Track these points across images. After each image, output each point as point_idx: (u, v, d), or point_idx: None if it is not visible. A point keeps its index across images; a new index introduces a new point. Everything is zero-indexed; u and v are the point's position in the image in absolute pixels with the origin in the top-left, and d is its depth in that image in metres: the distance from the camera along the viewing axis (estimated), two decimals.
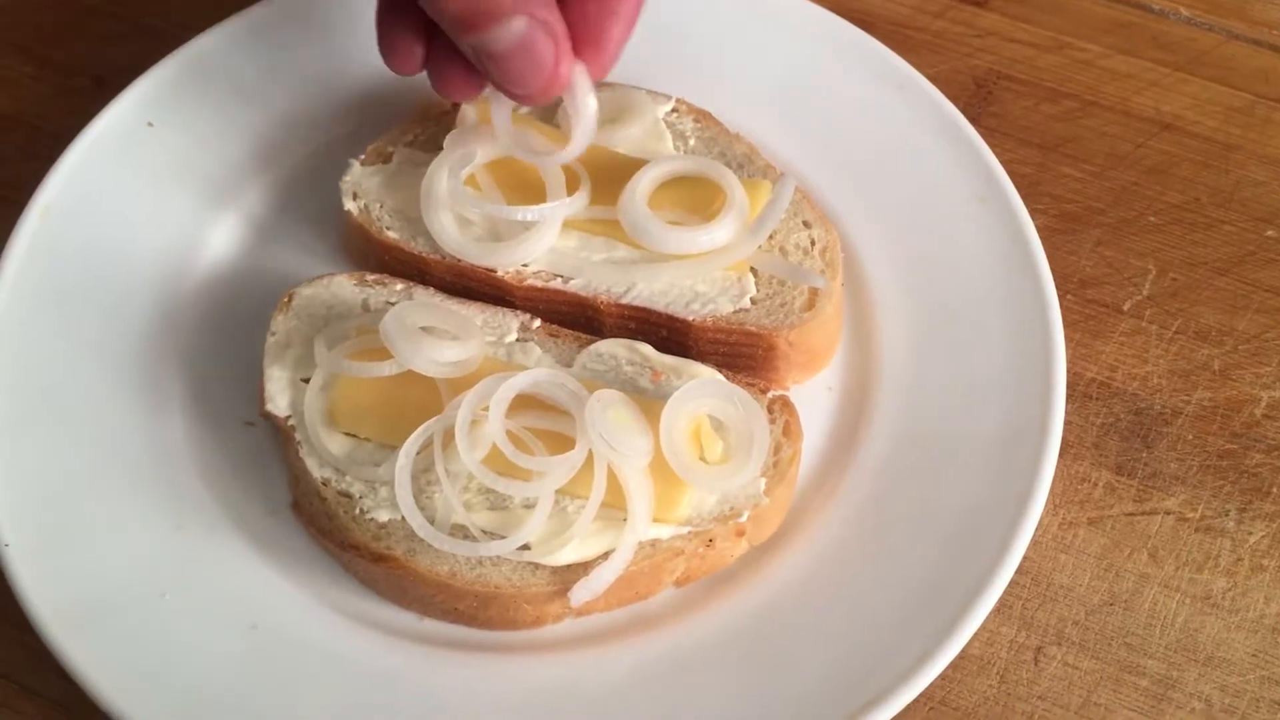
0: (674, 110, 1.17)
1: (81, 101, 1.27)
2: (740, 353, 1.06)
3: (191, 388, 1.07)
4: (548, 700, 0.94)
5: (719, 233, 1.03)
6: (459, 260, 1.07)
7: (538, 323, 1.06)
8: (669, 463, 0.94)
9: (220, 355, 1.09)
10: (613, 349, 1.04)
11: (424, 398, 0.98)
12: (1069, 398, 1.06)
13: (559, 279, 1.07)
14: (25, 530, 0.96)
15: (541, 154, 1.04)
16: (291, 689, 0.93)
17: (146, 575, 0.97)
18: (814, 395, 1.08)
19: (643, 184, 1.05)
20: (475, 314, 1.05)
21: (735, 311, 1.05)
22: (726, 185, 1.05)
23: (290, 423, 1.00)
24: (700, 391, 0.97)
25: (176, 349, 1.08)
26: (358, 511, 0.97)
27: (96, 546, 0.97)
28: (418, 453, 0.95)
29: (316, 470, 0.98)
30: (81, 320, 1.07)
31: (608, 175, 1.08)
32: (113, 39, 1.32)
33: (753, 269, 1.07)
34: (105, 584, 0.95)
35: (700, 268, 1.06)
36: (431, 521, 0.94)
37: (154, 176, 1.15)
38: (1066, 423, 1.04)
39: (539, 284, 1.07)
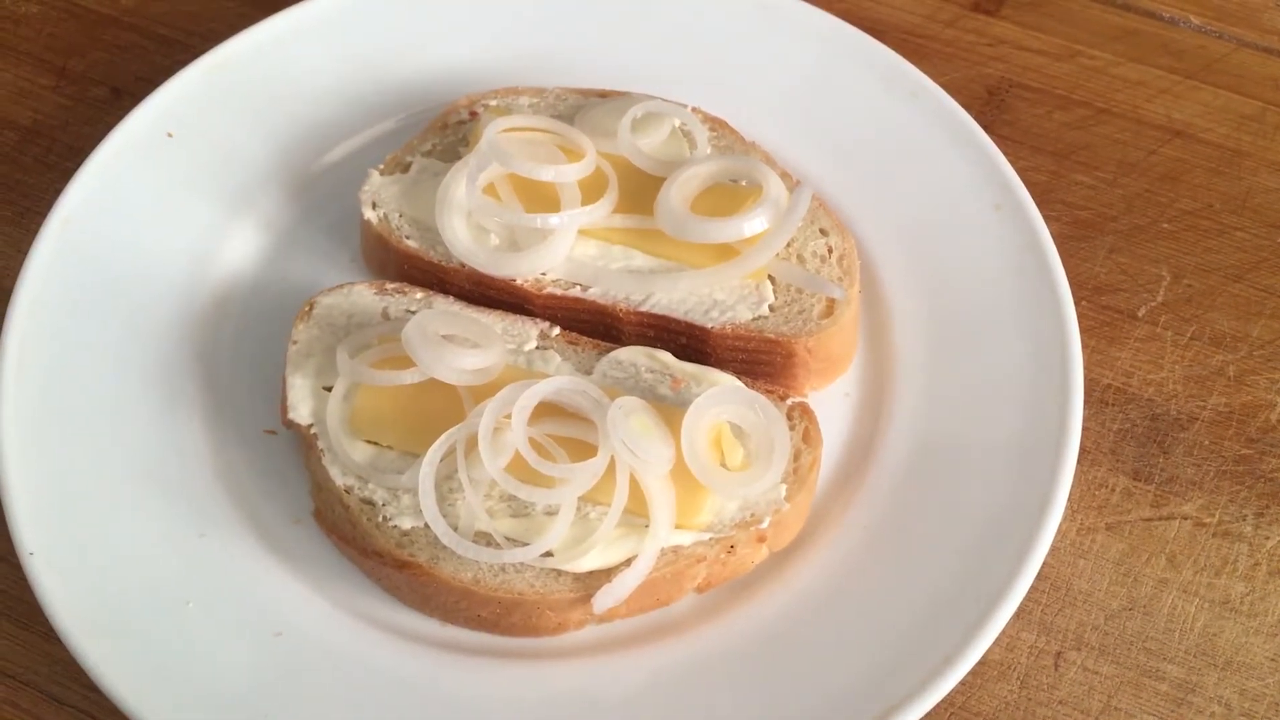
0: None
1: (99, 112, 1.28)
2: (759, 360, 1.06)
3: (212, 396, 1.07)
4: (570, 706, 0.94)
5: (756, 221, 1.04)
6: (476, 269, 1.08)
7: (557, 331, 1.06)
8: (690, 469, 0.95)
9: (240, 363, 1.10)
10: (632, 356, 1.04)
11: (446, 406, 0.99)
12: (1085, 403, 1.06)
13: (578, 287, 1.08)
14: (49, 538, 0.96)
15: (539, 169, 1.05)
16: (315, 696, 0.93)
17: (170, 583, 0.97)
18: (832, 402, 1.09)
19: (681, 179, 1.06)
20: (495, 322, 1.06)
21: (754, 319, 1.06)
22: (762, 178, 1.06)
23: (313, 430, 1.00)
24: (721, 398, 0.98)
25: (197, 357, 1.09)
26: (381, 519, 0.97)
27: (119, 555, 0.97)
28: (440, 460, 0.95)
29: (339, 478, 0.98)
30: (103, 329, 1.07)
31: (630, 185, 1.09)
32: (129, 50, 1.33)
33: (771, 277, 1.08)
34: (128, 592, 0.96)
35: (719, 275, 1.06)
36: (454, 529, 0.94)
37: (174, 186, 1.15)
38: (1083, 429, 1.04)
39: (558, 292, 1.07)
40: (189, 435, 1.05)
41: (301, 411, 1.01)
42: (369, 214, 1.12)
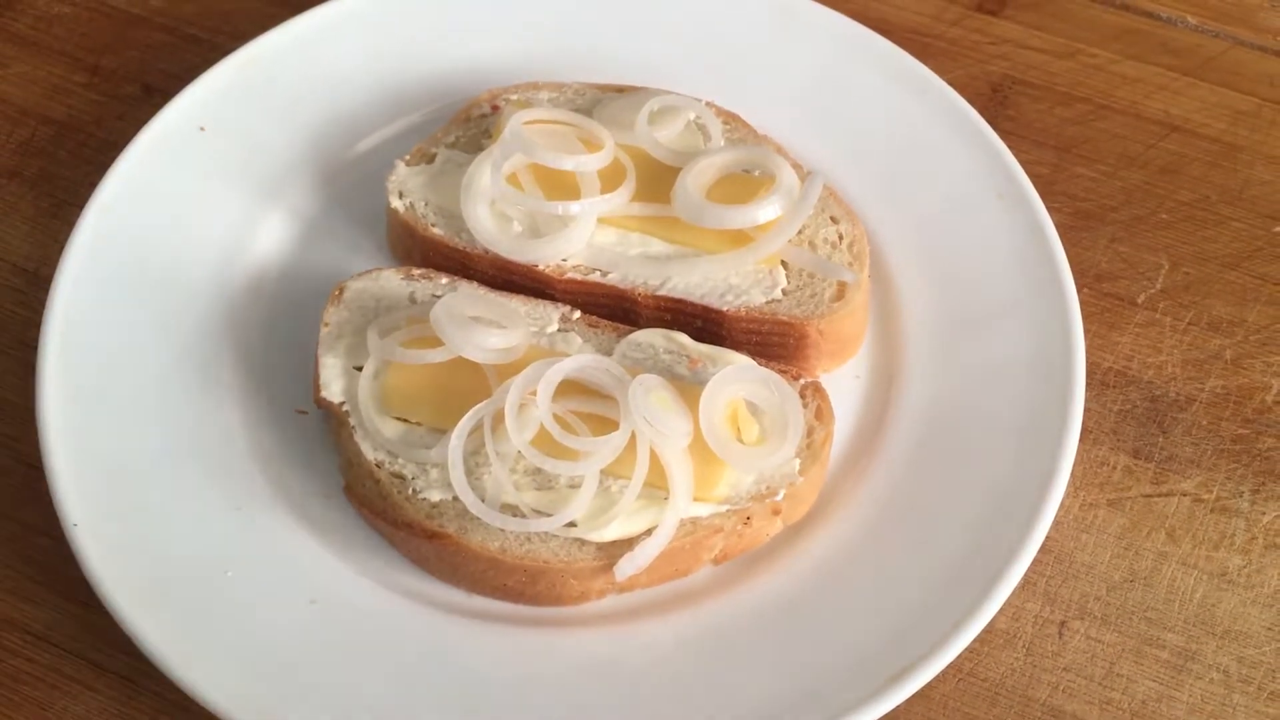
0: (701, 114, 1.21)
1: (131, 108, 1.32)
2: (772, 342, 1.10)
3: (246, 377, 1.11)
4: (593, 672, 0.98)
5: (770, 208, 1.08)
6: (500, 254, 1.12)
7: (578, 314, 1.10)
8: (708, 443, 0.99)
9: (272, 346, 1.13)
10: (650, 338, 1.08)
11: (472, 384, 1.02)
12: (1087, 386, 1.09)
13: (597, 273, 1.12)
14: (92, 511, 1.00)
15: (561, 159, 1.09)
16: (347, 661, 0.97)
17: (209, 553, 1.01)
18: (842, 383, 1.13)
19: (697, 169, 1.10)
20: (518, 305, 1.10)
21: (768, 302, 1.10)
22: (775, 167, 1.10)
23: (344, 408, 1.04)
24: (737, 376, 1.02)
25: (230, 340, 1.12)
26: (411, 492, 1.01)
27: (160, 526, 1.01)
28: (468, 435, 0.99)
29: (370, 453, 1.02)
30: (141, 314, 1.11)
31: (647, 174, 1.13)
32: (159, 49, 1.37)
33: (783, 262, 1.12)
34: (169, 562, 0.99)
35: (734, 260, 1.10)
36: (482, 500, 0.98)
37: (207, 177, 1.20)
38: (1085, 409, 1.08)
39: (578, 277, 1.11)
40: (224, 414, 1.08)
41: (334, 390, 1.05)
42: (395, 203, 1.16)
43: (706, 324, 1.10)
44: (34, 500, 1.06)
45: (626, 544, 0.99)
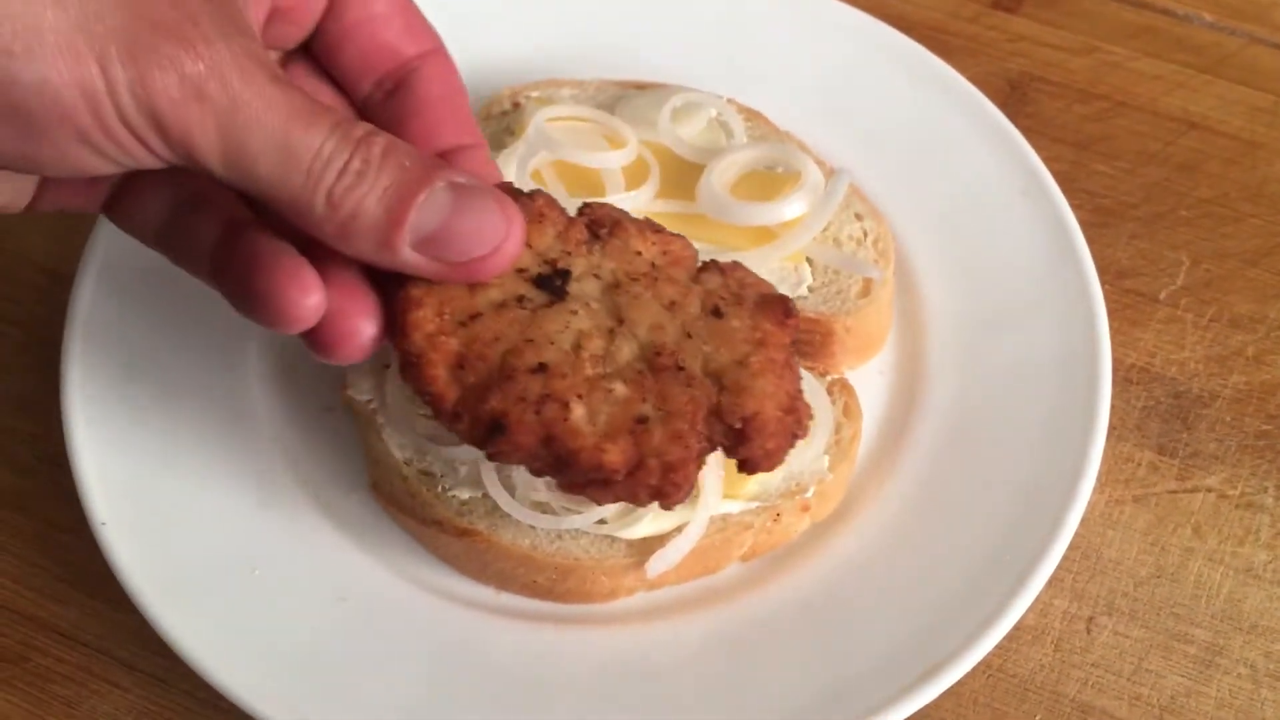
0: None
1: None
2: (798, 338, 1.09)
3: (272, 373, 1.11)
4: (621, 669, 0.98)
5: (796, 205, 1.08)
6: None
7: None
8: None
9: (298, 343, 1.12)
10: None
11: None
12: (1111, 382, 1.09)
13: None
14: (120, 510, 1.00)
15: (585, 156, 1.10)
16: (376, 658, 0.97)
17: (236, 551, 1.00)
18: (867, 380, 1.13)
19: (722, 166, 1.10)
20: None
21: (794, 299, 1.09)
22: (800, 164, 1.10)
23: (372, 405, 1.04)
24: None
25: (257, 337, 1.12)
26: (440, 489, 1.01)
27: (187, 524, 1.01)
28: None
29: (398, 451, 1.02)
30: (165, 311, 1.11)
31: (671, 172, 1.13)
32: None
33: (809, 259, 1.12)
34: (198, 560, 0.99)
35: (759, 257, 1.10)
36: (512, 497, 0.98)
37: None
38: (1110, 406, 1.08)
39: None
40: (250, 411, 1.08)
41: (362, 388, 1.05)
42: None
43: None
44: (59, 498, 1.06)
45: (657, 541, 0.99)
